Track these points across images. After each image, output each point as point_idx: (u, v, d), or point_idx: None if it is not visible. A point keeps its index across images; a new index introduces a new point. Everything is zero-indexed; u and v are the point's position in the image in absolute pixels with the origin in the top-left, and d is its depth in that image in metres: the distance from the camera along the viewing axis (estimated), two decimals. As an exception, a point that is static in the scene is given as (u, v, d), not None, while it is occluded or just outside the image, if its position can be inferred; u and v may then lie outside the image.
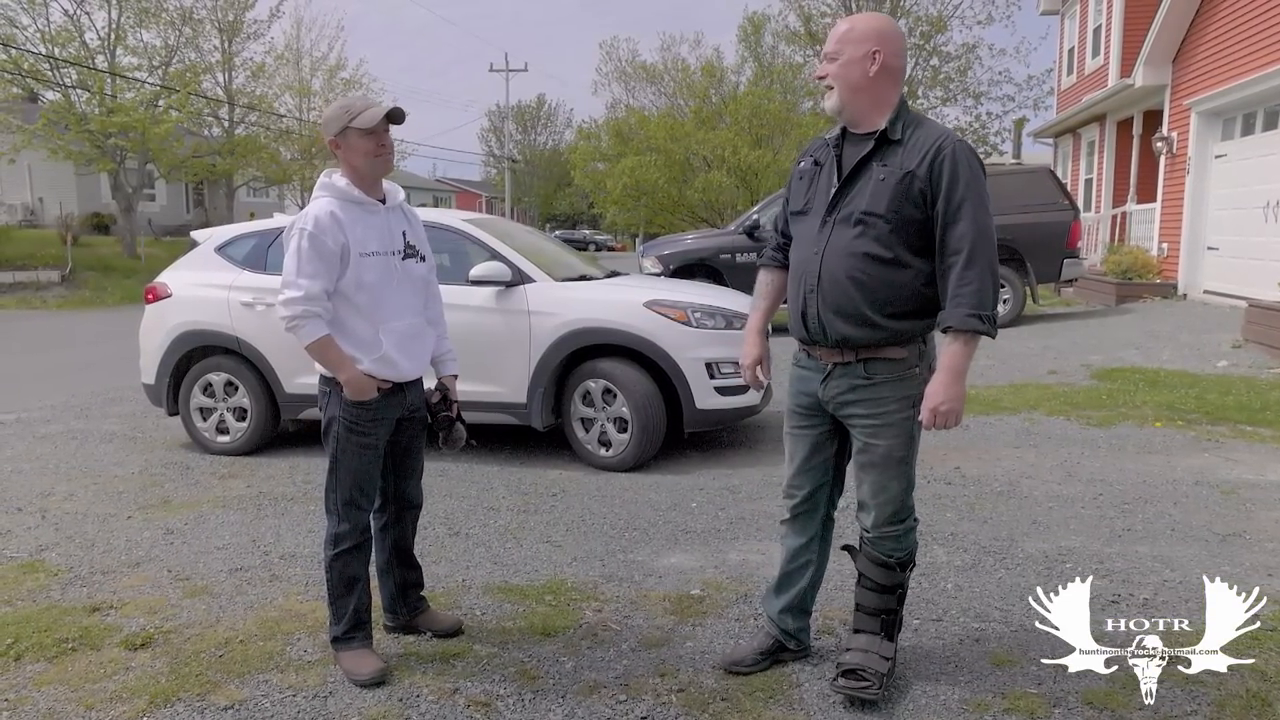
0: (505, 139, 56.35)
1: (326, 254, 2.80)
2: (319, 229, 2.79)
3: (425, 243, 3.14)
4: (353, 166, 2.89)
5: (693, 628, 3.29)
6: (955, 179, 2.45)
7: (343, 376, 2.86)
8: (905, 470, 2.65)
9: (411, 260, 3.03)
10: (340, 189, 2.88)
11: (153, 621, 3.39)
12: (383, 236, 2.93)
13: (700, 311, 5.62)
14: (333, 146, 2.89)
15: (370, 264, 2.87)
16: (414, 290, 3.05)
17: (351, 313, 2.89)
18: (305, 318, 2.79)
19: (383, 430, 2.98)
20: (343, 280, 2.84)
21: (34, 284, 19.61)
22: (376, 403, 2.92)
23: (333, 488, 2.96)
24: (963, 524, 4.42)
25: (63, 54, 22.23)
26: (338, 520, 2.96)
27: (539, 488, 5.21)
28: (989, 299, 2.44)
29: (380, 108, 2.84)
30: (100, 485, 5.35)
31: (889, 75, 2.56)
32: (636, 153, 24.86)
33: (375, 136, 2.84)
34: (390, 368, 2.94)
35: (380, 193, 2.98)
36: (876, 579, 2.73)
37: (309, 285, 2.78)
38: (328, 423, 2.96)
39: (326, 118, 2.90)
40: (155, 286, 6.37)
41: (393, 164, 2.96)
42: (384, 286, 2.91)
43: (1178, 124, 13.72)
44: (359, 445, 2.93)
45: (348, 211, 2.86)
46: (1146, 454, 5.67)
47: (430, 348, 3.17)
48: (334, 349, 2.85)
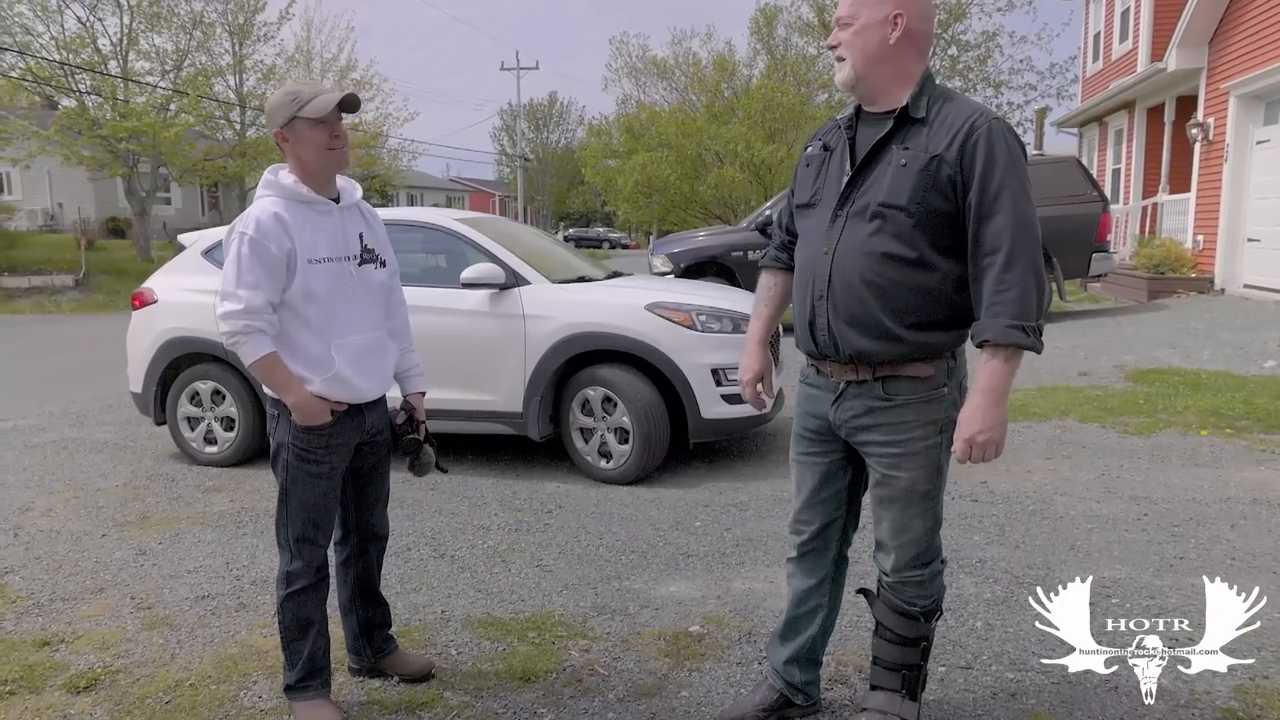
0: (518, 137, 55.95)
1: (270, 261, 2.47)
2: (260, 233, 2.46)
3: (386, 245, 2.80)
4: (301, 161, 2.55)
5: (689, 673, 2.94)
6: (991, 163, 2.05)
7: (290, 400, 2.53)
8: (931, 506, 2.27)
9: (369, 266, 2.68)
10: (286, 187, 2.55)
11: (103, 659, 3.12)
12: (335, 240, 2.60)
13: (705, 314, 5.26)
14: (279, 139, 2.55)
15: (320, 271, 2.54)
16: (372, 300, 2.70)
17: (299, 327, 2.56)
18: (246, 333, 2.46)
19: (338, 458, 2.65)
20: (289, 290, 2.51)
21: (49, 288, 19.56)
22: (330, 427, 2.59)
23: (283, 521, 2.63)
24: (992, 548, 4.04)
25: (76, 60, 22.17)
26: (290, 557, 2.64)
27: (534, 503, 4.88)
28: (1033, 306, 2.04)
29: (332, 94, 2.50)
30: (81, 499, 5.09)
31: (912, 42, 2.17)
32: (648, 149, 24.46)
33: (327, 127, 2.50)
34: (345, 388, 2.60)
35: (333, 190, 2.64)
36: (897, 630, 2.36)
37: (250, 297, 2.45)
38: (276, 449, 2.63)
39: (271, 106, 2.56)
40: (142, 292, 6.11)
41: (348, 158, 2.61)
42: (336, 296, 2.57)
43: (1214, 109, 13.17)
44: (311, 475, 2.60)
45: (294, 212, 2.53)
46: (1194, 466, 5.25)
47: (392, 363, 2.82)
48: (280, 368, 2.52)
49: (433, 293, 5.44)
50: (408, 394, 2.92)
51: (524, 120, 57.08)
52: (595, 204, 51.04)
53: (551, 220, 61.17)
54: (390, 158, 34.56)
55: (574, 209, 62.30)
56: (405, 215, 6.05)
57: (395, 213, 6.13)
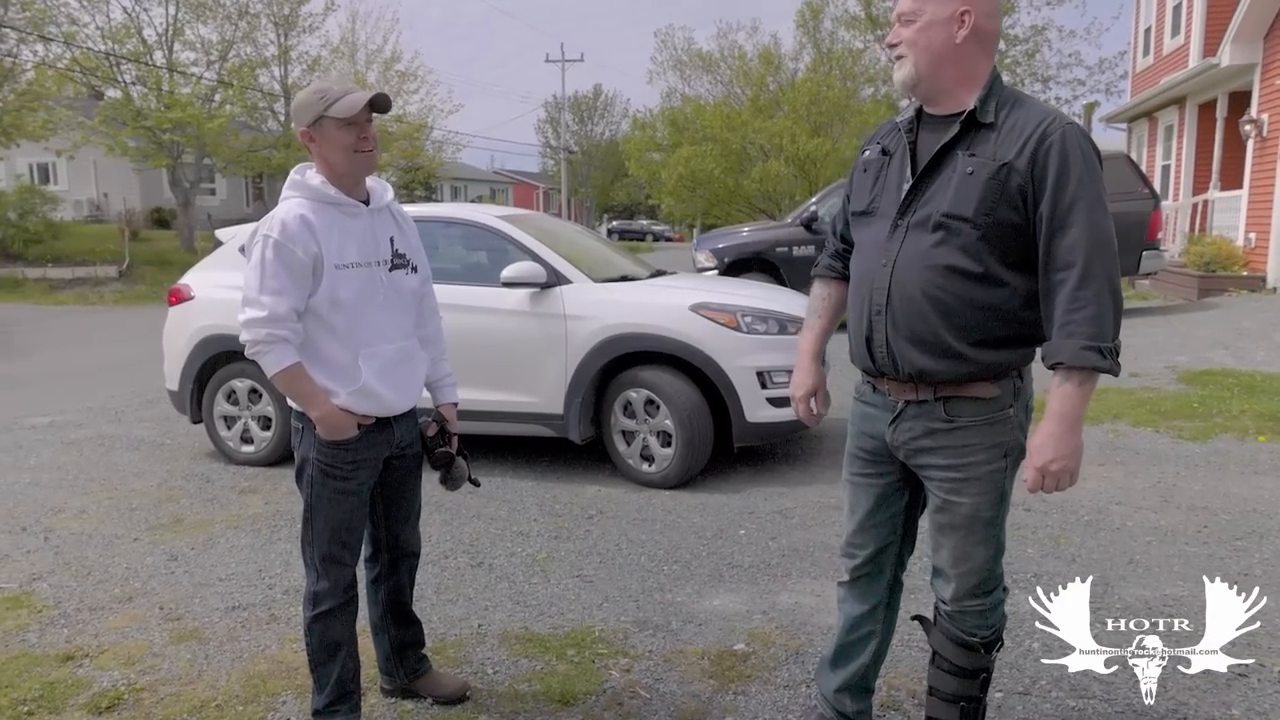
0: (562, 130, 55.85)
1: (295, 266, 2.35)
2: (286, 236, 2.35)
3: (419, 250, 2.68)
4: (329, 163, 2.43)
5: (734, 696, 2.83)
6: (1065, 173, 1.90)
7: (314, 414, 2.43)
8: (994, 534, 2.13)
9: (400, 271, 2.56)
10: (314, 188, 2.43)
11: (128, 675, 3.04)
12: (365, 244, 2.48)
13: (751, 315, 5.14)
14: (305, 139, 2.43)
15: (348, 277, 2.42)
16: (403, 307, 2.58)
17: (325, 335, 2.44)
18: (270, 342, 2.35)
19: (365, 473, 2.54)
20: (315, 297, 2.40)
21: (92, 279, 19.79)
22: (356, 442, 2.48)
23: (309, 540, 2.52)
24: (1047, 562, 3.89)
25: (121, 50, 22.43)
26: (316, 577, 2.53)
27: (574, 508, 4.80)
28: (1109, 326, 1.90)
29: (362, 94, 2.38)
30: (114, 500, 5.07)
31: (980, 41, 2.01)
32: (692, 142, 24.30)
33: (356, 128, 2.38)
34: (372, 401, 2.49)
35: (363, 192, 2.52)
36: (955, 660, 2.23)
37: (273, 304, 2.34)
38: (300, 464, 2.52)
39: (298, 104, 2.43)
40: (178, 288, 6.09)
41: (376, 161, 2.50)
42: (365, 304, 2.46)
43: (1269, 105, 12.79)
44: (336, 491, 2.49)
45: (322, 215, 2.41)
46: (1253, 474, 5.04)
47: (423, 374, 2.70)
48: (304, 380, 2.41)
49: (473, 291, 5.37)
50: (440, 405, 2.80)
51: (568, 113, 56.99)
52: (639, 197, 50.76)
53: (595, 213, 60.99)
54: (434, 149, 34.71)
55: (618, 202, 62.07)
56: (445, 212, 5.98)
57: (435, 209, 6.06)
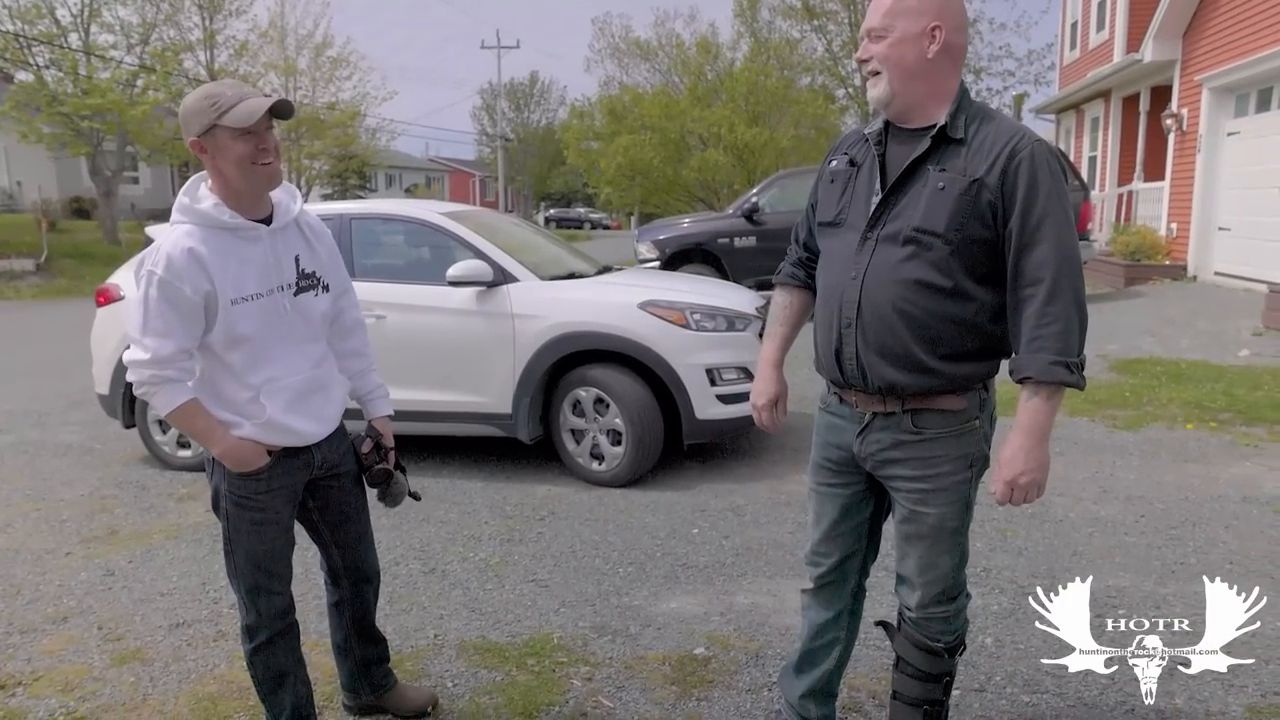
0: (498, 117, 55.18)
1: (183, 305, 2.11)
2: (172, 273, 2.09)
3: (333, 263, 2.44)
4: (224, 177, 2.16)
5: (697, 703, 2.83)
6: (1034, 190, 1.92)
7: (216, 450, 2.22)
8: (959, 542, 2.16)
9: (309, 294, 2.32)
10: (204, 213, 2.15)
11: (66, 703, 2.90)
12: (266, 271, 2.23)
13: (700, 313, 5.14)
14: (195, 149, 2.15)
15: (246, 311, 2.18)
16: (311, 334, 2.35)
17: (223, 374, 2.24)
18: (155, 384, 2.14)
19: (281, 502, 2.34)
20: (210, 335, 2.18)
21: (7, 273, 18.82)
22: (269, 470, 2.29)
23: (233, 574, 2.35)
24: (995, 556, 3.97)
25: (31, 32, 21.40)
26: (245, 610, 2.37)
27: (525, 509, 4.75)
28: (1075, 341, 1.93)
29: (261, 99, 2.11)
30: (43, 512, 4.87)
31: (950, 57, 2.02)
32: (631, 131, 24.19)
33: (254, 137, 2.12)
34: (280, 434, 2.29)
35: (264, 209, 2.26)
36: (919, 665, 2.26)
37: (157, 346, 2.10)
38: (214, 495, 2.33)
39: (186, 110, 2.13)
40: (107, 288, 5.86)
41: (279, 174, 2.22)
42: (267, 337, 2.24)
43: (1188, 100, 13.24)
44: (253, 523, 2.30)
45: (215, 243, 2.15)
46: (1183, 463, 5.23)
47: (341, 397, 2.48)
48: (200, 416, 2.20)
49: (418, 290, 5.28)
50: (372, 419, 2.61)
51: (505, 100, 56.27)
52: (577, 184, 50.46)
53: (533, 201, 60.47)
54: (368, 137, 34.05)
55: (555, 189, 61.60)
56: (388, 209, 5.86)
57: (377, 206, 5.94)
